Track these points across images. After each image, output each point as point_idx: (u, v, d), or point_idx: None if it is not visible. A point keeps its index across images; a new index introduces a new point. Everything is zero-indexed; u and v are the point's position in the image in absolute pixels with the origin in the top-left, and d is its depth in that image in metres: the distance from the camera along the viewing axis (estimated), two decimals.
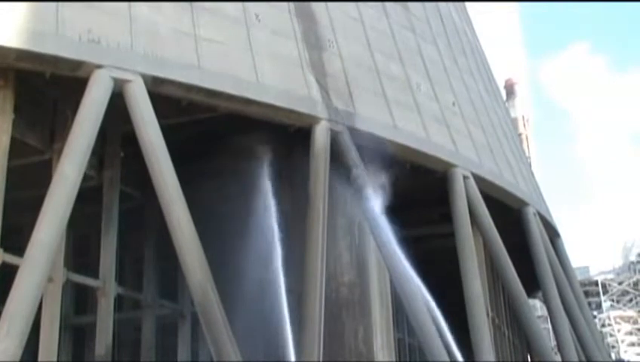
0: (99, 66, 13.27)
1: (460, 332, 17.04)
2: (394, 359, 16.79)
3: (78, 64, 13.19)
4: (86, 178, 13.23)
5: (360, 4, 19.22)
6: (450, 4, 25.18)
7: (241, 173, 16.38)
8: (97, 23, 13.54)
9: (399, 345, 19.63)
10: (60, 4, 13.25)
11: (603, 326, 66.27)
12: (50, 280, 12.79)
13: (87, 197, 13.64)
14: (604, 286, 71.28)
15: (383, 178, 17.37)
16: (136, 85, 13.57)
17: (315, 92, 16.13)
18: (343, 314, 15.80)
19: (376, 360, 15.64)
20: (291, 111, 15.62)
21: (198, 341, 18.10)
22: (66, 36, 13.10)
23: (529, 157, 57.11)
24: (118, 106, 13.48)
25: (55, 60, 12.97)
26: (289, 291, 14.91)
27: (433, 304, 15.82)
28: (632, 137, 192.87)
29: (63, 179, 12.49)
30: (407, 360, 21.82)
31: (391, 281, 16.19)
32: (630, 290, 70.70)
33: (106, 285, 15.16)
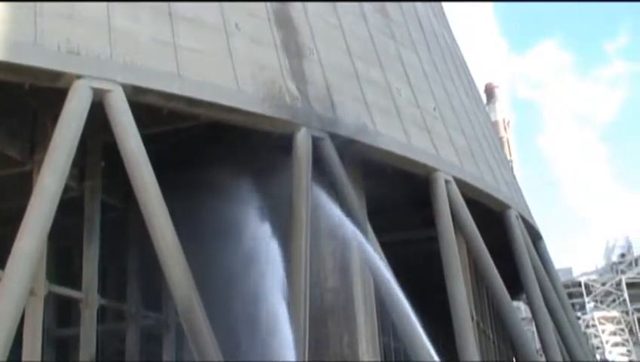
0: (78, 76, 13.23)
1: (444, 336, 17.10)
2: None
3: (57, 75, 13.15)
4: (67, 189, 13.15)
5: (339, 11, 19.27)
6: (429, 9, 25.31)
7: (223, 181, 16.35)
8: (76, 34, 13.51)
9: (384, 349, 19.62)
10: (39, 15, 13.20)
11: (587, 327, 66.63)
12: (32, 292, 12.69)
13: (69, 208, 13.56)
14: (587, 287, 71.71)
15: (365, 183, 17.43)
16: (117, 95, 13.53)
17: (296, 99, 16.16)
18: (328, 319, 15.80)
19: None
20: (272, 119, 15.62)
21: (182, 351, 18.00)
22: (45, 47, 13.05)
23: (510, 161, 57.42)
24: (98, 116, 13.42)
25: (34, 71, 12.92)
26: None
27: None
28: (600, 135, 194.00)
29: (43, 190, 12.41)
30: None
31: (375, 285, 16.22)
32: (613, 291, 71.15)
33: (89, 296, 15.06)
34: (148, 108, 14.19)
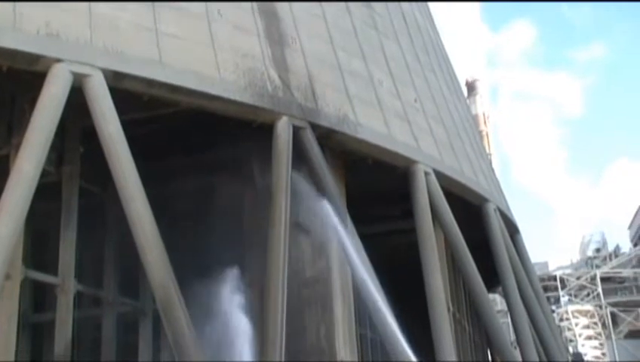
0: (58, 60, 13.11)
1: (422, 327, 17.17)
2: (356, 355, 16.85)
3: (36, 58, 13.01)
4: (45, 173, 13.04)
5: (323, 1, 19.21)
6: (414, 3, 25.29)
7: (203, 169, 16.30)
8: (56, 17, 13.37)
9: (361, 340, 19.69)
10: None
11: (561, 320, 67.20)
12: (7, 277, 12.59)
13: (46, 193, 13.45)
14: (562, 281, 72.33)
15: (345, 174, 17.43)
16: (96, 80, 13.42)
17: (278, 88, 16.11)
18: (305, 310, 15.81)
19: (338, 356, 15.67)
20: (253, 107, 15.57)
21: (159, 339, 17.94)
22: (24, 30, 12.91)
23: (490, 154, 57.68)
24: (77, 101, 13.31)
25: (12, 54, 12.79)
26: (249, 286, 14.88)
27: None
28: (557, 122, 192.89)
29: (21, 174, 12.31)
30: (370, 355, 21.91)
31: (352, 277, 16.25)
32: (587, 285, 71.80)
33: (66, 282, 14.95)
34: (128, 93, 14.09)
